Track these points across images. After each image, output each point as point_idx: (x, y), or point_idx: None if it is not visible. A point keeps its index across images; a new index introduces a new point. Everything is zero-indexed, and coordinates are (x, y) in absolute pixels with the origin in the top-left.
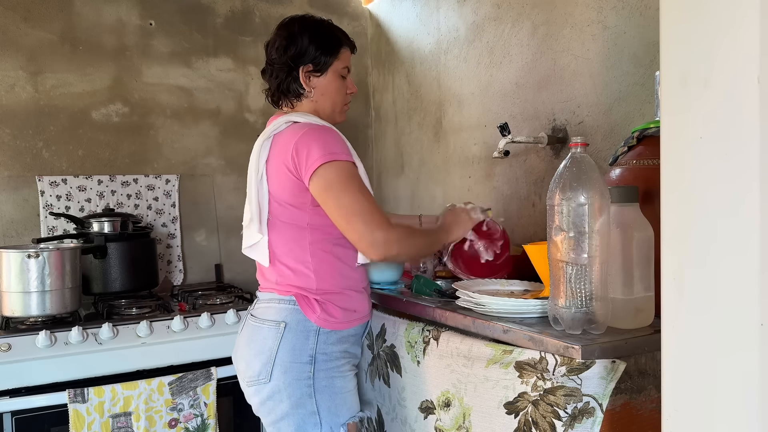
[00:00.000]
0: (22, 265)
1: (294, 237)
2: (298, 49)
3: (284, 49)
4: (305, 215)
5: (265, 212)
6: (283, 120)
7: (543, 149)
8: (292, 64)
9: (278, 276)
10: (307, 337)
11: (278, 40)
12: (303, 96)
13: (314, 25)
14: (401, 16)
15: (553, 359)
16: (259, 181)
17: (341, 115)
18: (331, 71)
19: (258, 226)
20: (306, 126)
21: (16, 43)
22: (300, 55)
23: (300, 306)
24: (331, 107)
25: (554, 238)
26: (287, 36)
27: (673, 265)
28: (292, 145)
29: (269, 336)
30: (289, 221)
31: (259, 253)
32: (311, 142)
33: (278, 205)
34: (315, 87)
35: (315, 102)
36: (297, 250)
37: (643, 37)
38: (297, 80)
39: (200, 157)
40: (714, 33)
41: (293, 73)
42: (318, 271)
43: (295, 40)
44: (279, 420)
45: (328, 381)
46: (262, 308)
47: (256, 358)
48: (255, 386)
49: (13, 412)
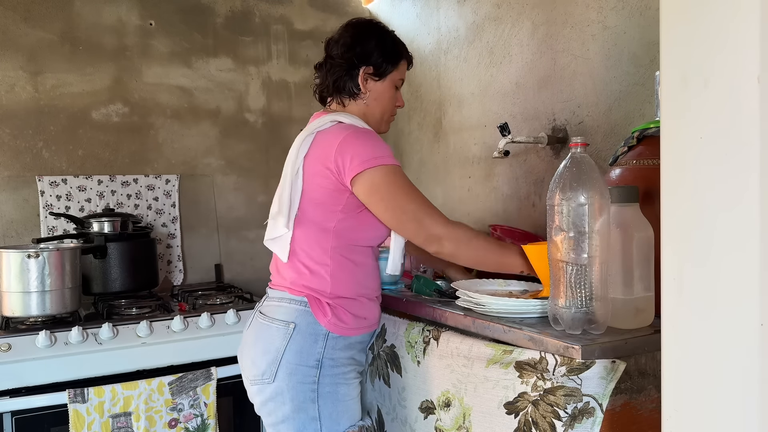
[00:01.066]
0: (22, 265)
1: (317, 238)
2: (364, 49)
3: (349, 47)
4: (333, 218)
5: (295, 208)
6: (329, 118)
7: (543, 149)
8: (355, 62)
9: (294, 274)
10: (315, 340)
11: (344, 37)
12: (357, 96)
13: (382, 32)
14: (401, 16)
15: (553, 359)
16: (294, 176)
17: (387, 125)
18: (389, 79)
19: (285, 220)
20: (351, 128)
21: (16, 43)
22: (364, 56)
23: (311, 308)
24: (381, 115)
25: (554, 238)
26: (355, 34)
27: (673, 265)
28: (335, 146)
29: (277, 336)
30: (316, 221)
31: (280, 247)
32: (356, 145)
33: (309, 203)
34: (371, 90)
35: (366, 106)
36: (318, 251)
37: (643, 37)
38: (355, 79)
39: (200, 157)
40: (714, 33)
41: (353, 71)
42: (335, 275)
43: (362, 40)
44: (279, 422)
45: (333, 387)
46: (272, 306)
47: (262, 357)
48: (258, 385)
49: (13, 412)
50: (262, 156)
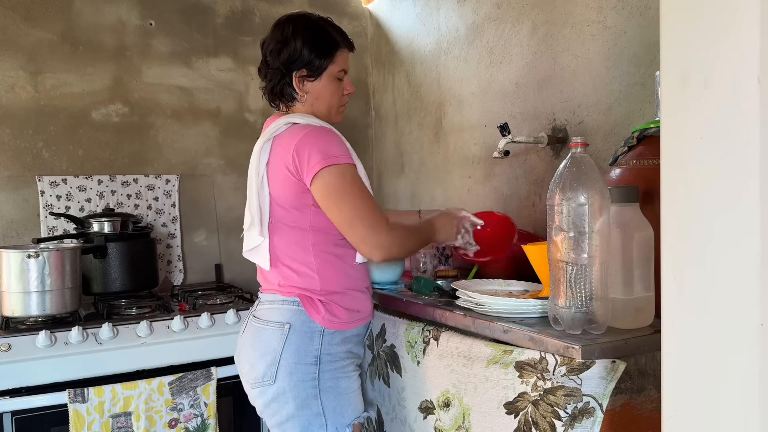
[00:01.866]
0: (22, 265)
1: (296, 239)
2: (291, 53)
3: (277, 53)
4: (307, 217)
5: (266, 215)
6: (283, 121)
7: (543, 149)
8: (284, 69)
9: (281, 278)
10: (311, 338)
11: (272, 42)
12: (297, 100)
13: (309, 27)
14: (401, 16)
15: (553, 359)
16: (259, 184)
17: (338, 116)
18: (326, 75)
19: (259, 229)
20: (306, 128)
21: (16, 43)
22: (293, 60)
23: (304, 307)
24: (327, 110)
25: (554, 238)
26: (280, 38)
27: (673, 265)
28: (292, 147)
29: (273, 337)
30: (291, 223)
31: (260, 256)
32: (312, 145)
33: (280, 208)
34: (309, 91)
35: (310, 106)
36: (300, 252)
37: (643, 37)
38: (290, 85)
39: (200, 157)
40: (714, 33)
41: (286, 78)
42: (321, 272)
43: (288, 43)
44: (284, 422)
45: (333, 382)
46: (265, 309)
47: (261, 359)
48: (259, 388)
49: (13, 412)
50: None
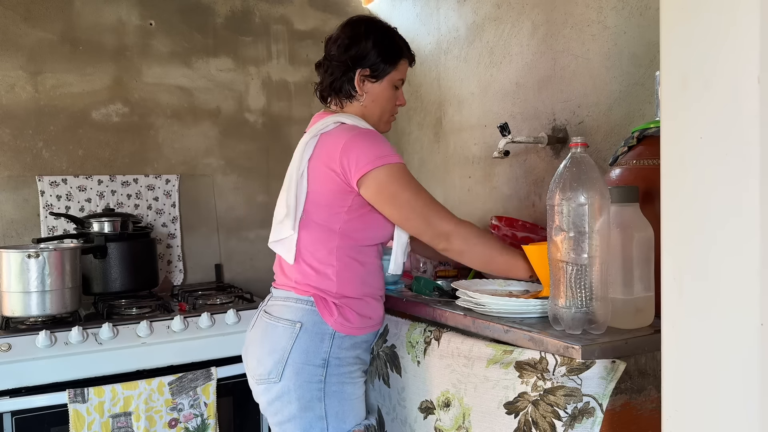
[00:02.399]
0: (22, 265)
1: (322, 239)
2: (360, 51)
3: (345, 48)
4: (339, 219)
5: (301, 209)
6: (332, 120)
7: (543, 149)
8: (350, 64)
9: (299, 275)
10: (322, 339)
11: (341, 37)
12: (354, 98)
13: (380, 31)
14: (401, 16)
15: (553, 359)
16: (299, 178)
17: (387, 125)
18: (387, 80)
19: (292, 222)
20: (354, 129)
21: (16, 43)
22: (360, 58)
23: (317, 308)
24: (379, 116)
25: (554, 238)
26: (352, 35)
27: (673, 265)
28: (339, 148)
29: (284, 335)
30: (321, 222)
31: (286, 249)
32: (360, 146)
33: (314, 205)
34: (368, 92)
35: (364, 107)
36: (323, 251)
37: (643, 37)
38: (351, 81)
39: (200, 157)
40: (714, 33)
41: (349, 73)
42: (341, 275)
43: (359, 41)
44: (285, 422)
45: (339, 386)
46: (277, 306)
47: (269, 356)
48: (264, 384)
49: (13, 412)
50: (262, 156)
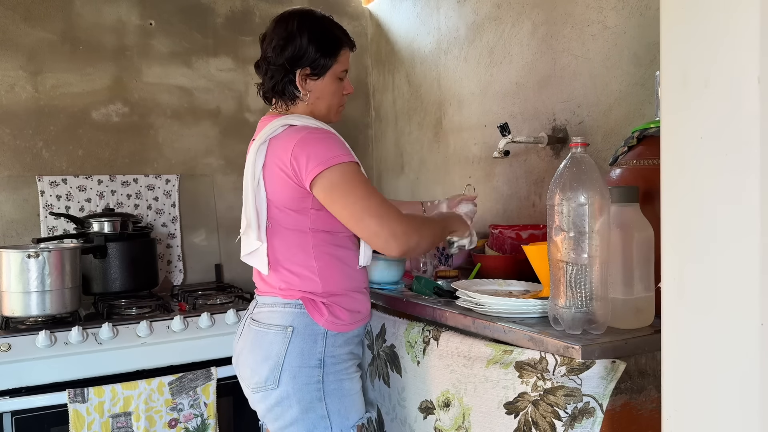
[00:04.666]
0: (22, 265)
1: (297, 242)
2: (296, 50)
3: (281, 49)
4: (307, 219)
5: (264, 218)
6: (279, 123)
7: (543, 149)
8: (288, 66)
9: (281, 281)
10: (315, 340)
11: (275, 38)
12: (298, 99)
13: (314, 23)
14: (401, 16)
15: (553, 359)
16: (256, 187)
17: (336, 116)
18: (330, 74)
19: (257, 233)
20: (303, 130)
21: (16, 43)
22: (298, 58)
23: (307, 309)
24: (327, 110)
25: (554, 238)
26: (285, 35)
27: (673, 265)
28: (290, 151)
29: (276, 341)
30: (290, 226)
31: (259, 260)
32: (310, 147)
33: (278, 211)
34: (311, 90)
35: (311, 105)
36: (301, 254)
37: (643, 37)
38: (293, 83)
39: (200, 157)
40: (714, 33)
41: (289, 75)
42: (323, 274)
43: (294, 39)
44: (288, 426)
45: (337, 384)
46: (265, 313)
47: (263, 363)
48: (261, 392)
49: (13, 412)
50: None
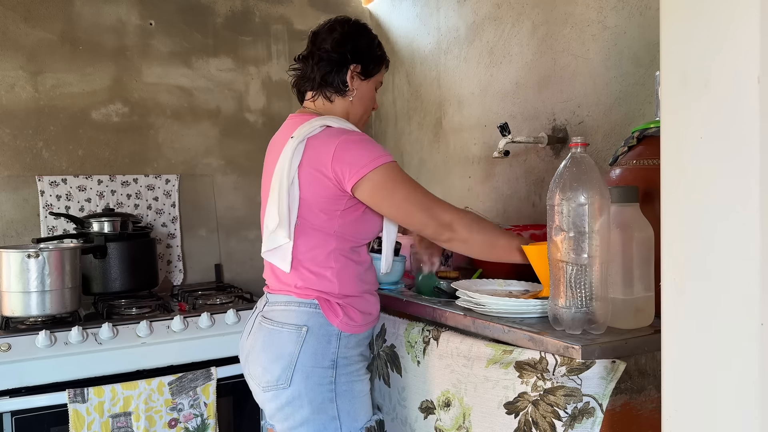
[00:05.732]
0: (22, 265)
1: (319, 242)
2: (356, 46)
3: (341, 42)
4: (334, 222)
5: (294, 217)
6: (318, 123)
7: (543, 149)
8: (348, 57)
9: (299, 280)
10: (329, 341)
11: (335, 32)
12: (344, 93)
13: (369, 33)
14: (401, 16)
15: (553, 359)
16: (290, 185)
17: (363, 126)
18: (373, 80)
19: (287, 230)
20: (342, 132)
21: (16, 43)
22: (356, 53)
23: (323, 310)
24: (361, 114)
25: (554, 238)
26: (346, 32)
27: (672, 265)
28: (331, 154)
29: (289, 340)
30: (317, 227)
31: (281, 257)
32: (352, 151)
33: (309, 211)
34: (357, 89)
35: (351, 104)
36: (321, 255)
37: (643, 37)
38: (343, 76)
39: (200, 157)
40: (714, 33)
41: (343, 67)
42: (340, 275)
43: (354, 37)
44: (297, 426)
45: (349, 385)
46: (278, 311)
47: (276, 362)
48: (272, 391)
49: (13, 412)
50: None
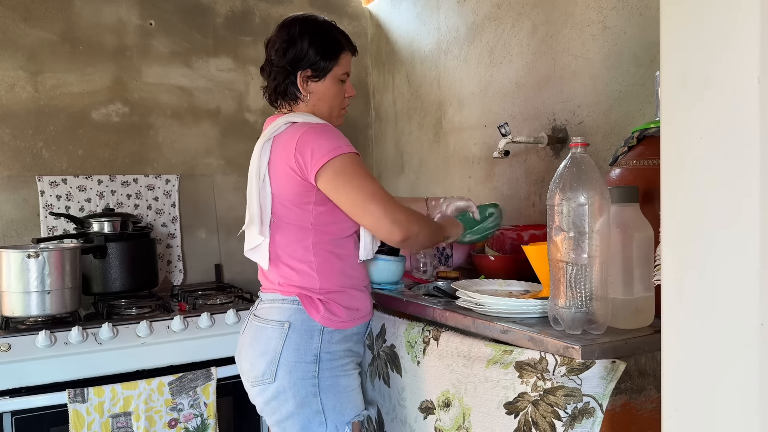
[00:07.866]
0: (22, 265)
1: (297, 238)
2: (297, 53)
3: (283, 52)
4: (309, 216)
5: (268, 214)
6: (282, 121)
7: (543, 149)
8: (290, 68)
9: (280, 277)
10: (311, 336)
11: (278, 41)
12: (300, 100)
13: (316, 28)
14: (401, 16)
15: (553, 359)
16: (261, 184)
17: (338, 119)
18: (330, 77)
19: (259, 227)
20: (305, 125)
21: (16, 43)
22: (299, 60)
23: (304, 306)
24: (328, 111)
25: (554, 238)
26: (287, 38)
27: (673, 265)
28: (293, 146)
29: (273, 336)
30: (292, 222)
31: (260, 255)
32: (313, 141)
33: (282, 207)
34: (312, 92)
35: (312, 106)
36: (300, 250)
37: (643, 37)
38: (294, 84)
39: (200, 157)
40: (714, 33)
41: (291, 77)
42: (321, 270)
43: (295, 43)
44: (284, 420)
45: (333, 380)
46: (265, 308)
47: (261, 358)
48: (259, 386)
49: (13, 412)
50: None
